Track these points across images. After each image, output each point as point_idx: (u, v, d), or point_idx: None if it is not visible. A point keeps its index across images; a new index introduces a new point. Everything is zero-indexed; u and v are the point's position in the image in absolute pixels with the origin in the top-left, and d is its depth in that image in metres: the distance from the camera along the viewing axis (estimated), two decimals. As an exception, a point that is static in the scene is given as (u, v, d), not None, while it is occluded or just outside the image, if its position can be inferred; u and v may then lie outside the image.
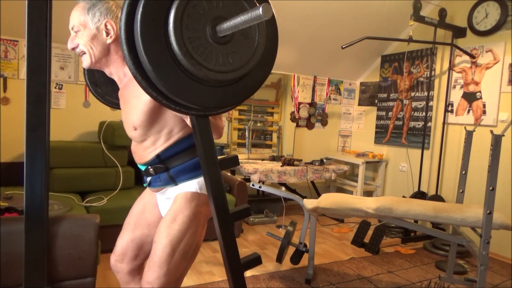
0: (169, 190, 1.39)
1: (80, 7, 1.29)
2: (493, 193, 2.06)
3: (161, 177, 1.37)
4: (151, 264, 1.29)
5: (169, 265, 1.28)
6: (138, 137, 1.35)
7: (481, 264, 2.08)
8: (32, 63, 0.75)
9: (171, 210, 1.33)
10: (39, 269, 0.81)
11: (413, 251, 3.38)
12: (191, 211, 1.33)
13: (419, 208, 2.36)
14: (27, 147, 0.76)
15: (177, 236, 1.29)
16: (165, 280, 1.28)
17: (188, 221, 1.32)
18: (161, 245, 1.28)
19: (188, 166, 1.35)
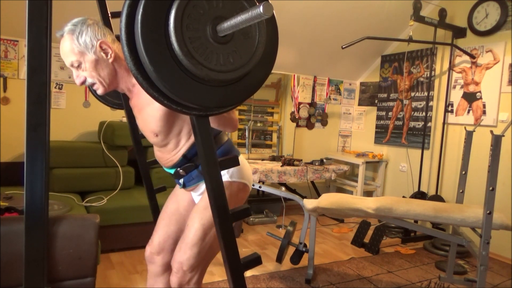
0: (202, 185, 1.46)
1: (68, 41, 1.24)
2: (493, 193, 2.06)
3: (192, 174, 1.44)
4: (182, 246, 1.38)
5: (199, 247, 1.36)
6: (161, 141, 1.39)
7: (481, 264, 2.08)
8: (32, 63, 0.75)
9: (203, 198, 1.41)
10: (39, 269, 0.80)
11: (413, 251, 3.38)
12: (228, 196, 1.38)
13: (419, 208, 2.36)
14: (27, 147, 0.76)
15: (209, 221, 1.36)
16: (194, 261, 1.36)
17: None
18: (193, 228, 1.36)
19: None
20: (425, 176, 3.96)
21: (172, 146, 1.40)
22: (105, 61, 1.28)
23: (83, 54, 1.25)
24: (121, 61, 1.31)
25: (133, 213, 2.90)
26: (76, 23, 1.25)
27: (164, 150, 1.43)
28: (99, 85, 1.30)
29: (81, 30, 1.23)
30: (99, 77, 1.28)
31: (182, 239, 1.39)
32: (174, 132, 1.38)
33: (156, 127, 1.34)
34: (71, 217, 1.69)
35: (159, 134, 1.37)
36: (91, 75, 1.28)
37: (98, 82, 1.29)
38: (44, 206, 0.80)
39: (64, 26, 1.25)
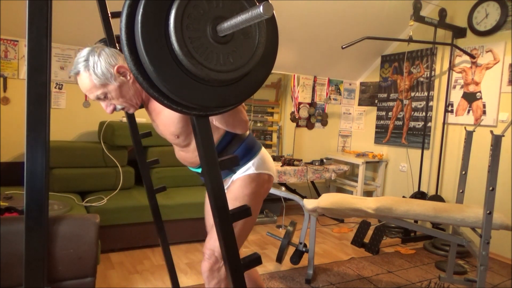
0: (229, 180, 1.52)
1: (86, 78, 1.24)
2: (493, 193, 2.06)
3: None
4: (213, 234, 1.46)
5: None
6: (182, 142, 1.44)
7: (481, 264, 2.08)
8: (32, 63, 0.75)
9: (231, 190, 1.48)
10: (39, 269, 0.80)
11: (413, 251, 3.38)
12: (251, 190, 1.47)
13: (419, 208, 2.36)
14: (27, 147, 0.76)
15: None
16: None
17: (248, 200, 1.46)
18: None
19: (241, 152, 1.48)
20: (425, 176, 3.96)
21: (195, 146, 1.42)
22: (127, 84, 1.29)
23: (106, 85, 1.25)
24: None
25: (133, 213, 2.90)
26: (86, 57, 1.24)
27: (187, 150, 1.48)
28: (129, 107, 1.33)
29: (95, 62, 1.23)
30: (127, 101, 1.31)
31: (214, 228, 1.45)
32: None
33: (176, 129, 1.38)
34: (71, 217, 1.69)
35: (180, 135, 1.41)
36: (119, 102, 1.30)
37: (127, 105, 1.32)
38: (44, 206, 0.80)
39: (75, 63, 1.24)
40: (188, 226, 3.17)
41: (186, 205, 3.12)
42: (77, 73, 1.25)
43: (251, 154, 1.49)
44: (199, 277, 2.62)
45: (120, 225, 2.89)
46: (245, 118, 1.35)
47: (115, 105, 1.30)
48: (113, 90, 1.27)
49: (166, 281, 2.52)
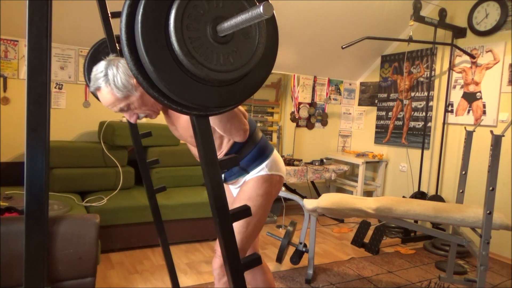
0: (242, 180, 1.57)
1: (108, 93, 1.23)
2: (493, 193, 2.06)
3: (233, 170, 1.54)
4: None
5: (242, 235, 1.48)
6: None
7: (481, 264, 2.08)
8: (32, 63, 0.75)
9: (245, 190, 1.53)
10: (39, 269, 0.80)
11: (413, 251, 3.38)
12: (263, 190, 1.53)
13: (419, 208, 2.36)
14: (27, 147, 0.76)
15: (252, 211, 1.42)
16: (240, 246, 1.46)
17: (261, 200, 1.52)
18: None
19: (255, 154, 1.55)
20: (425, 176, 3.96)
21: (216, 144, 1.49)
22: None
23: (128, 97, 1.26)
24: None
25: (133, 213, 2.90)
26: (104, 72, 1.23)
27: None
28: (152, 114, 1.35)
29: (114, 75, 1.22)
30: (149, 108, 1.32)
31: None
32: (215, 134, 1.45)
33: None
34: (71, 217, 1.69)
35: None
36: (142, 110, 1.31)
37: (150, 112, 1.34)
38: (44, 206, 0.80)
39: (94, 79, 1.24)
40: (188, 226, 3.17)
41: (186, 205, 3.12)
42: (97, 88, 1.25)
43: (264, 156, 1.55)
44: (199, 277, 2.62)
45: (120, 225, 2.89)
46: (244, 127, 1.36)
47: (138, 114, 1.32)
48: (136, 101, 1.27)
49: (166, 281, 2.52)
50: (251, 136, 1.53)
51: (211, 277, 2.63)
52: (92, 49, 1.56)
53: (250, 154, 1.53)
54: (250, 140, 1.53)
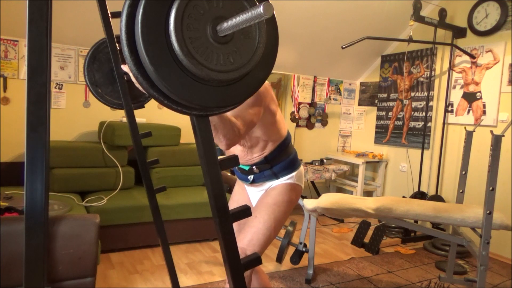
0: (268, 183, 1.65)
1: None
2: (493, 193, 2.06)
3: (265, 173, 1.63)
4: (248, 234, 1.53)
5: (264, 236, 1.53)
6: (246, 142, 1.59)
7: (481, 264, 2.08)
8: (32, 63, 0.75)
9: (272, 195, 1.61)
10: (39, 269, 0.80)
11: (413, 251, 3.38)
12: (289, 198, 1.62)
13: (419, 208, 2.36)
14: (27, 147, 0.76)
15: (277, 216, 1.56)
16: (256, 248, 1.52)
17: (285, 206, 1.61)
18: (262, 219, 1.53)
19: (288, 163, 1.65)
20: (425, 176, 3.96)
21: (258, 149, 1.61)
22: None
23: None
24: None
25: (133, 213, 2.90)
26: None
27: (249, 151, 1.62)
28: None
29: None
30: None
31: (247, 228, 1.54)
32: (259, 134, 1.57)
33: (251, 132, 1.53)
34: (71, 217, 1.69)
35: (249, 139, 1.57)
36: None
37: None
38: (44, 206, 0.80)
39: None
40: (188, 226, 3.17)
41: (186, 205, 3.12)
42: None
43: (295, 166, 1.67)
44: (199, 277, 2.62)
45: (120, 225, 2.89)
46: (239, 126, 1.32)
47: None
48: None
49: (166, 281, 2.52)
50: (287, 146, 1.67)
51: (211, 277, 2.63)
52: (92, 49, 1.56)
53: (284, 162, 1.64)
54: (286, 149, 1.66)
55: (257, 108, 1.46)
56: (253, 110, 1.44)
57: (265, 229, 1.54)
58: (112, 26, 1.46)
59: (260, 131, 1.58)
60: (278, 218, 1.57)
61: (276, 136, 1.63)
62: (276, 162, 1.63)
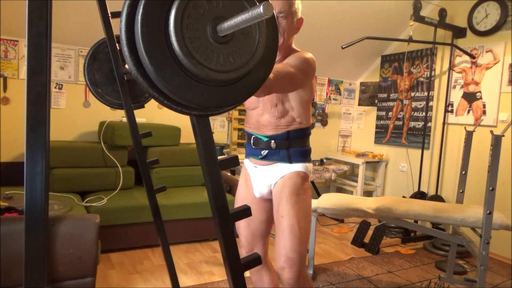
0: (280, 166, 1.58)
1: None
2: (493, 193, 2.06)
3: (280, 152, 1.57)
4: (287, 241, 1.48)
5: (304, 230, 1.51)
6: (278, 112, 1.55)
7: (481, 264, 2.08)
8: (32, 63, 0.75)
9: (289, 185, 1.53)
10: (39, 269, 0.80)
11: (413, 251, 3.38)
12: (307, 186, 1.58)
13: (419, 208, 2.36)
14: (27, 147, 0.76)
15: (303, 207, 1.53)
16: (304, 245, 1.51)
17: (306, 194, 1.57)
18: (294, 217, 1.49)
19: (304, 151, 1.60)
20: (425, 176, 3.96)
21: (285, 121, 1.55)
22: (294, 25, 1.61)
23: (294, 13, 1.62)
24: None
25: (133, 213, 2.90)
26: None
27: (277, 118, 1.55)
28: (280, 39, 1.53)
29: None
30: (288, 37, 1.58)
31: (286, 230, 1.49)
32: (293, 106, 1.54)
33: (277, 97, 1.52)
34: (71, 217, 1.69)
35: (278, 103, 1.54)
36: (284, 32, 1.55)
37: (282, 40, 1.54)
38: (44, 206, 0.80)
39: None
40: (188, 226, 3.17)
41: (186, 205, 3.12)
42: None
43: (309, 157, 1.62)
44: (199, 277, 2.62)
45: (120, 225, 2.89)
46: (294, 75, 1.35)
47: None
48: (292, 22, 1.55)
49: (166, 281, 2.52)
50: (307, 136, 1.63)
51: (211, 277, 2.63)
52: (92, 49, 1.56)
53: (301, 148, 1.59)
54: (306, 138, 1.62)
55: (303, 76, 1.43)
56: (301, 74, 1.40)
57: (303, 224, 1.50)
58: (112, 26, 1.46)
59: (295, 103, 1.55)
60: (305, 209, 1.53)
61: (304, 118, 1.59)
62: (295, 145, 1.58)
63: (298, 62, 1.42)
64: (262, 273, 1.75)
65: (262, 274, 1.75)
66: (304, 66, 1.43)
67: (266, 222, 1.70)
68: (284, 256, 1.48)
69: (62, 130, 3.35)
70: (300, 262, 1.49)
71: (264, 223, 1.70)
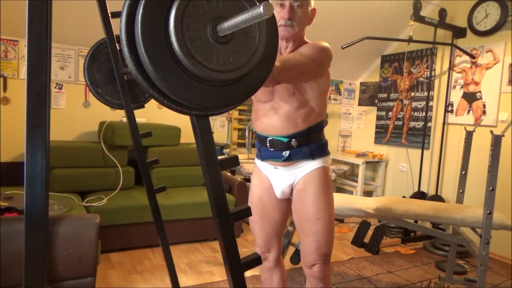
0: (302, 164, 1.54)
1: None
2: (493, 193, 2.06)
3: (302, 150, 1.52)
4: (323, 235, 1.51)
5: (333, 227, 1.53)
6: (296, 102, 1.48)
7: (481, 264, 2.08)
8: (32, 63, 0.75)
9: (316, 185, 1.52)
10: (39, 269, 0.80)
11: (413, 251, 3.38)
12: (330, 181, 1.57)
13: (419, 208, 2.36)
14: (27, 147, 0.76)
15: (331, 204, 1.54)
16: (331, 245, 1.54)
17: (330, 190, 1.56)
18: (328, 217, 1.50)
19: (324, 144, 1.58)
20: (425, 176, 3.96)
21: (303, 115, 1.49)
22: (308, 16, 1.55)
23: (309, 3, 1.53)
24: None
25: (133, 213, 2.90)
26: None
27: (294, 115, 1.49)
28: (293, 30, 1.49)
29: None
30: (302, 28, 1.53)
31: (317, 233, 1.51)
32: (311, 95, 1.48)
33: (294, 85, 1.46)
34: (71, 217, 1.69)
35: (296, 92, 1.47)
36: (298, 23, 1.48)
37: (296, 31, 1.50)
38: (44, 206, 0.80)
39: None
40: (188, 226, 3.17)
41: (186, 205, 3.12)
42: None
43: (327, 150, 1.60)
44: (199, 277, 2.62)
45: (120, 225, 2.89)
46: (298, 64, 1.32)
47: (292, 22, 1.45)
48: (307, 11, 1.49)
49: (166, 281, 2.52)
50: (323, 128, 1.58)
51: (211, 277, 2.63)
52: (92, 49, 1.56)
53: (320, 142, 1.56)
54: (323, 130, 1.58)
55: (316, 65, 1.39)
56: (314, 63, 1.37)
57: (331, 227, 1.53)
58: (112, 26, 1.46)
59: (312, 95, 1.49)
60: (331, 205, 1.54)
61: (322, 109, 1.55)
62: (315, 140, 1.54)
63: (311, 51, 1.39)
64: (273, 272, 1.73)
65: (273, 273, 1.73)
66: (318, 56, 1.40)
67: (282, 223, 1.68)
68: (317, 254, 1.52)
69: (62, 130, 3.35)
70: (329, 257, 1.57)
71: (280, 224, 1.68)
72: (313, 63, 1.36)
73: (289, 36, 1.48)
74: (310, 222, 1.52)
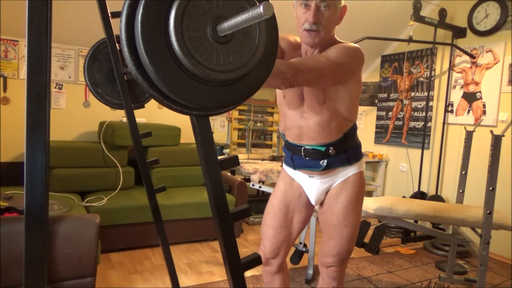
0: (339, 171, 1.49)
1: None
2: (493, 193, 2.06)
3: (340, 157, 1.46)
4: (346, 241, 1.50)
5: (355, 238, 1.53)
6: (326, 111, 1.39)
7: (481, 264, 2.08)
8: (32, 63, 0.75)
9: (351, 193, 1.48)
10: (39, 269, 0.80)
11: (413, 251, 3.38)
12: (364, 186, 1.54)
13: (419, 208, 2.36)
14: (27, 147, 0.76)
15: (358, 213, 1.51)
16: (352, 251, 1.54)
17: (362, 197, 1.53)
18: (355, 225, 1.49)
19: (359, 147, 1.52)
20: (425, 176, 3.96)
21: (336, 125, 1.42)
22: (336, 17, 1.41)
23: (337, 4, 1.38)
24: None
25: (133, 213, 2.90)
26: None
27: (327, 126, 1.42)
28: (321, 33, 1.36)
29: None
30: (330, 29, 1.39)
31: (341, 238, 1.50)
32: (342, 104, 1.40)
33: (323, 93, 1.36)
34: (71, 217, 1.69)
35: (327, 100, 1.38)
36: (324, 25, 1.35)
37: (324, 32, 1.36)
38: (44, 206, 0.80)
39: None
40: (188, 226, 3.17)
41: (186, 205, 3.12)
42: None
43: (361, 153, 1.55)
44: (199, 277, 2.62)
45: (120, 225, 2.89)
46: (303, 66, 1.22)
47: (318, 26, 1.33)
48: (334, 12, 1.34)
49: (166, 281, 2.52)
50: (352, 137, 1.50)
51: (211, 277, 2.63)
52: (92, 49, 1.56)
53: (356, 146, 1.51)
54: (355, 133, 1.52)
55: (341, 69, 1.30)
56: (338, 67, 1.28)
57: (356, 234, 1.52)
58: (112, 26, 1.46)
59: (342, 103, 1.40)
60: (360, 212, 1.52)
61: (355, 115, 1.48)
62: (352, 144, 1.48)
63: (337, 55, 1.29)
64: (275, 277, 1.69)
65: (275, 278, 1.68)
66: (344, 60, 1.29)
67: (299, 232, 1.65)
68: (337, 258, 1.52)
69: (62, 130, 3.35)
70: (346, 261, 1.57)
71: (297, 233, 1.64)
72: (337, 67, 1.27)
73: (313, 43, 1.36)
74: (337, 228, 1.50)
